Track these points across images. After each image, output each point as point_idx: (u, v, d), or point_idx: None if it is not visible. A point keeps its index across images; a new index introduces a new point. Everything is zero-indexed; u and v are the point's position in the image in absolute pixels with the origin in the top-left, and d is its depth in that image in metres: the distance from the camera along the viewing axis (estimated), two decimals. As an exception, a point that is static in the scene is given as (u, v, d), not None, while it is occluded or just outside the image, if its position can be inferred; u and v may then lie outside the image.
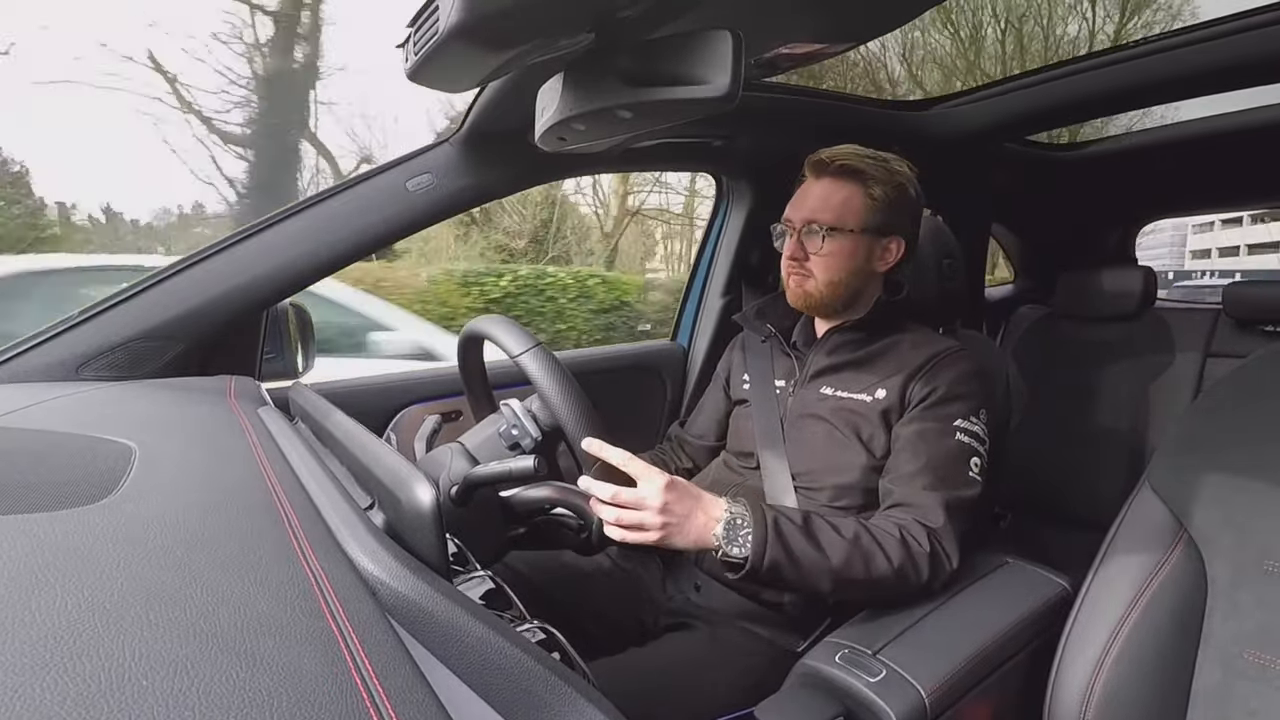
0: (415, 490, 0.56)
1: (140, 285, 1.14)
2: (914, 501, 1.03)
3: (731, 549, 0.92)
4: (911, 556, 0.97)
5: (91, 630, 0.35)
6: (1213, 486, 0.90)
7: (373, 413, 1.48)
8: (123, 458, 0.65)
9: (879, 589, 0.97)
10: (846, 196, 1.16)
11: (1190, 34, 1.30)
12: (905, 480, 1.05)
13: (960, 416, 1.08)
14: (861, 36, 1.05)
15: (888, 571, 0.95)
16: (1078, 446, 2.12)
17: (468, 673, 0.43)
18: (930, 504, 1.02)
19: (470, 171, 1.33)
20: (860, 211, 1.16)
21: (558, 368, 0.99)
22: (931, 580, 0.98)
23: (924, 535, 0.99)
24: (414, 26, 0.62)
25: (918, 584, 0.97)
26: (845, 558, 0.94)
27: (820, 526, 0.97)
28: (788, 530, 0.94)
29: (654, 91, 0.61)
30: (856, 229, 1.16)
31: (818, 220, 1.16)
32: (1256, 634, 0.83)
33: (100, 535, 0.47)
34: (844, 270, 1.17)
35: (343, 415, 0.87)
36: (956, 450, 1.06)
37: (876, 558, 0.95)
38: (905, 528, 0.99)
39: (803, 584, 0.95)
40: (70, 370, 1.07)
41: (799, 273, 1.19)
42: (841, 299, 1.20)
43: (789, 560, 0.92)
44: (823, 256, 1.17)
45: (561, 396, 0.98)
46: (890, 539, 0.97)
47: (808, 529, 0.95)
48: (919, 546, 0.98)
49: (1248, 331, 2.01)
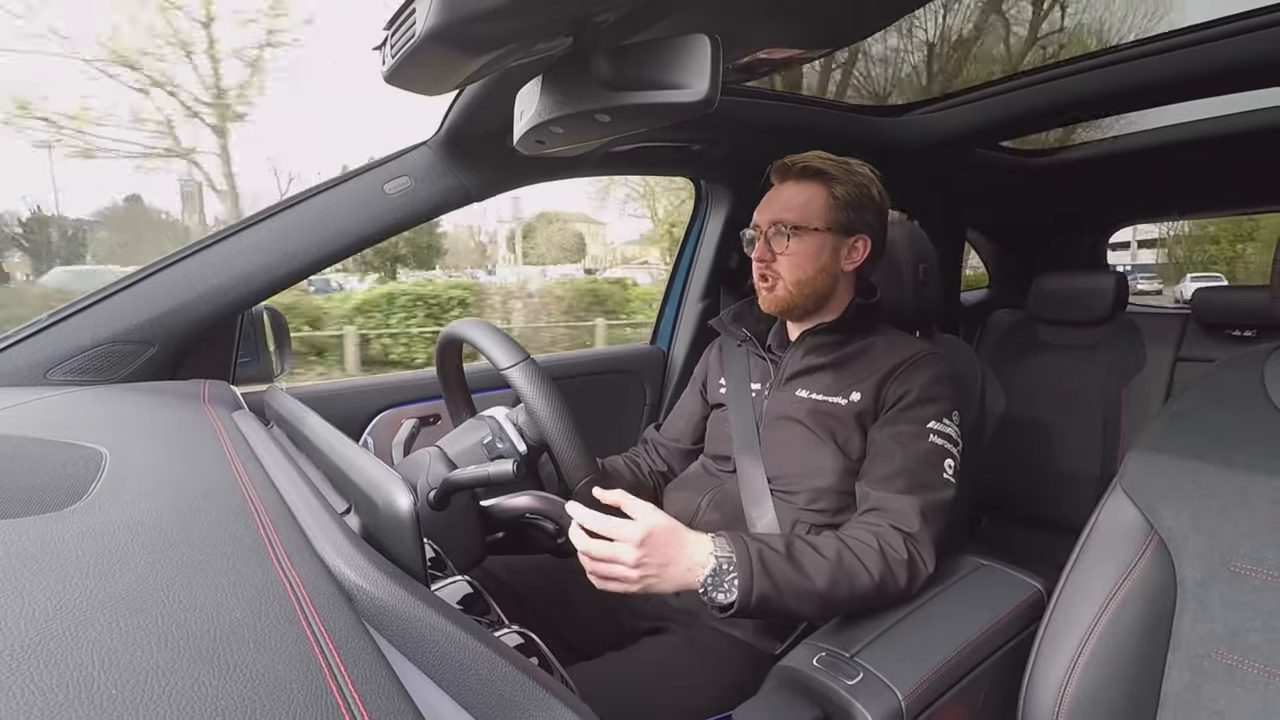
0: (392, 494, 0.55)
1: (112, 288, 1.13)
2: (890, 507, 1.03)
3: (716, 595, 0.91)
4: (889, 566, 0.97)
5: (59, 638, 0.35)
6: (1182, 489, 0.92)
7: (349, 417, 1.47)
8: (93, 463, 0.64)
9: (861, 602, 0.97)
10: (809, 196, 1.18)
11: (1163, 41, 1.32)
12: (880, 484, 1.06)
13: (934, 419, 1.09)
14: (839, 42, 1.06)
15: (869, 585, 0.95)
16: (1051, 449, 2.15)
17: (445, 678, 0.43)
18: (906, 509, 1.02)
19: (448, 175, 1.32)
20: (824, 210, 1.18)
21: (547, 383, 0.99)
22: (909, 586, 0.99)
23: (900, 541, 0.99)
24: (390, 29, 0.62)
25: (896, 591, 0.98)
26: (830, 579, 0.94)
27: (802, 550, 0.96)
28: (773, 564, 0.93)
29: (632, 96, 0.61)
30: (821, 227, 1.17)
31: (783, 220, 1.18)
32: (1225, 635, 0.84)
33: (69, 541, 0.46)
34: (810, 269, 1.19)
35: (318, 419, 0.86)
36: (930, 452, 1.07)
37: (858, 574, 0.95)
38: (882, 536, 1.00)
39: (790, 612, 0.95)
40: (39, 374, 1.05)
41: (768, 275, 1.21)
42: (810, 299, 1.21)
43: (775, 592, 0.91)
44: (788, 256, 1.18)
45: (550, 414, 0.97)
46: (869, 551, 0.98)
47: (791, 557, 0.95)
48: (895, 554, 0.98)
49: (1215, 336, 2.05)
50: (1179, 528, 0.90)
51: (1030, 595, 1.02)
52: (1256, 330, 2.00)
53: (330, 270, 9.43)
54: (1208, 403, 0.97)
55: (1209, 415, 0.96)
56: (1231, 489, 0.88)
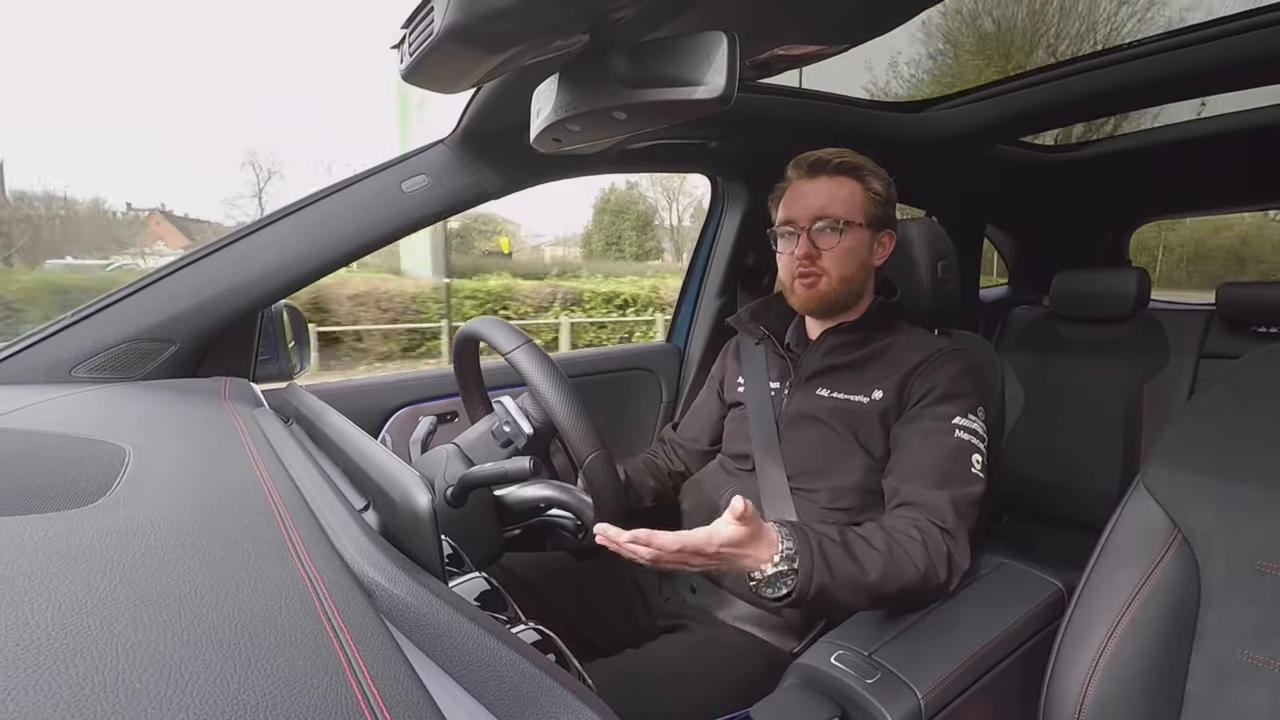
0: (411, 492, 0.56)
1: (134, 286, 1.14)
2: (924, 501, 1.02)
3: (767, 590, 0.90)
4: (932, 560, 0.96)
5: (84, 632, 0.35)
6: (1206, 487, 0.91)
7: (368, 414, 1.47)
8: (116, 460, 0.65)
9: (905, 596, 0.97)
10: (850, 191, 1.17)
11: (1181, 37, 1.31)
12: (910, 478, 1.05)
13: (959, 414, 1.08)
14: (856, 38, 1.05)
15: (915, 578, 0.95)
16: (1073, 447, 2.13)
17: (463, 675, 0.43)
18: (939, 503, 1.01)
19: (465, 172, 1.33)
20: (864, 205, 1.17)
21: (547, 363, 0.99)
22: (948, 581, 0.98)
23: (938, 536, 0.99)
24: (409, 27, 0.62)
25: (936, 586, 0.97)
26: (881, 572, 0.93)
27: (855, 541, 0.96)
28: (831, 552, 0.92)
29: (649, 93, 0.61)
30: (862, 222, 1.17)
31: (831, 215, 1.16)
32: (1250, 634, 0.83)
33: (93, 537, 0.47)
34: (853, 264, 1.18)
35: (338, 416, 0.87)
36: (958, 448, 1.06)
37: (905, 567, 0.95)
38: (923, 530, 0.99)
39: (842, 604, 0.93)
40: (64, 372, 1.06)
41: (811, 272, 1.18)
42: (850, 294, 1.20)
43: (833, 583, 0.91)
44: (836, 251, 1.16)
45: (552, 391, 0.98)
46: (914, 544, 0.97)
47: (848, 550, 0.94)
48: (937, 548, 0.98)
49: (1240, 332, 2.02)
50: (1203, 526, 0.89)
51: (1051, 594, 1.02)
52: None
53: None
54: (1232, 400, 0.96)
55: (1233, 412, 0.94)
56: (1257, 487, 0.87)
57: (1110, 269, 2.23)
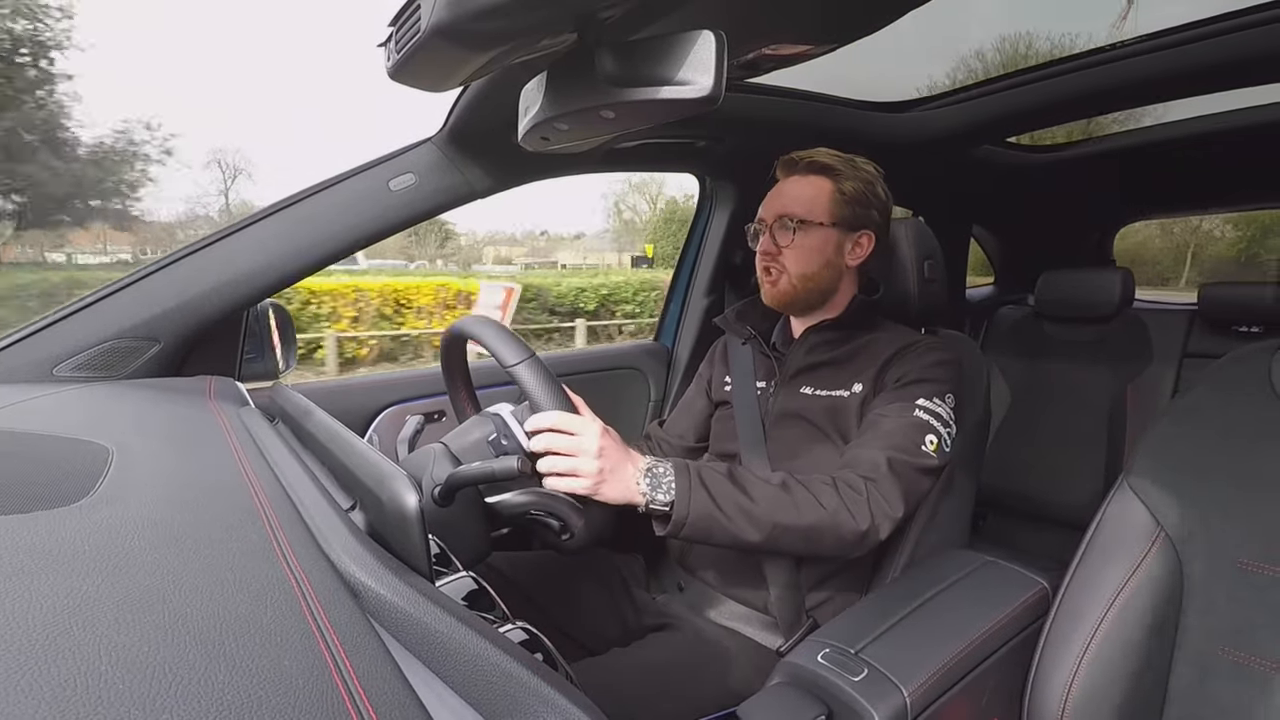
0: (398, 491, 0.56)
1: (118, 284, 1.13)
2: (855, 458, 1.04)
3: (657, 495, 0.92)
4: (844, 501, 0.97)
5: (67, 632, 0.35)
6: (1189, 486, 0.92)
7: (354, 413, 1.47)
8: (99, 459, 0.64)
9: (816, 537, 0.97)
10: (815, 191, 1.19)
11: (1170, 36, 1.32)
12: (854, 447, 1.07)
13: (923, 396, 1.09)
14: (845, 38, 1.05)
15: (822, 516, 0.96)
16: (1057, 446, 2.14)
17: (450, 674, 0.43)
18: (871, 459, 1.03)
19: (453, 171, 1.32)
20: (829, 205, 1.18)
21: (550, 379, 0.99)
22: (872, 528, 0.98)
23: (860, 482, 1.00)
24: (395, 25, 0.62)
25: (855, 530, 0.97)
26: (774, 502, 0.95)
27: (744, 475, 0.98)
28: (710, 478, 0.95)
29: (637, 92, 0.61)
30: (826, 222, 1.18)
31: (789, 214, 1.18)
32: (1231, 632, 0.84)
33: (76, 537, 0.46)
34: (814, 263, 1.19)
35: (324, 415, 0.86)
36: (913, 424, 1.06)
37: (807, 504, 0.96)
38: (839, 476, 1.00)
39: (734, 532, 0.94)
40: (45, 371, 1.05)
41: (772, 268, 1.21)
42: (814, 293, 1.21)
43: (715, 506, 0.93)
44: (793, 249, 1.19)
45: (555, 409, 0.97)
46: (822, 486, 0.98)
47: (732, 477, 0.97)
48: (853, 492, 0.98)
49: (1222, 332, 2.05)
50: (1185, 524, 0.90)
51: (1035, 592, 1.02)
52: (1263, 326, 2.00)
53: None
54: (1214, 399, 0.97)
55: (1216, 411, 0.95)
56: (1238, 486, 0.88)
57: (1095, 269, 2.25)
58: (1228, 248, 22.80)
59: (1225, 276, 18.47)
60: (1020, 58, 14.58)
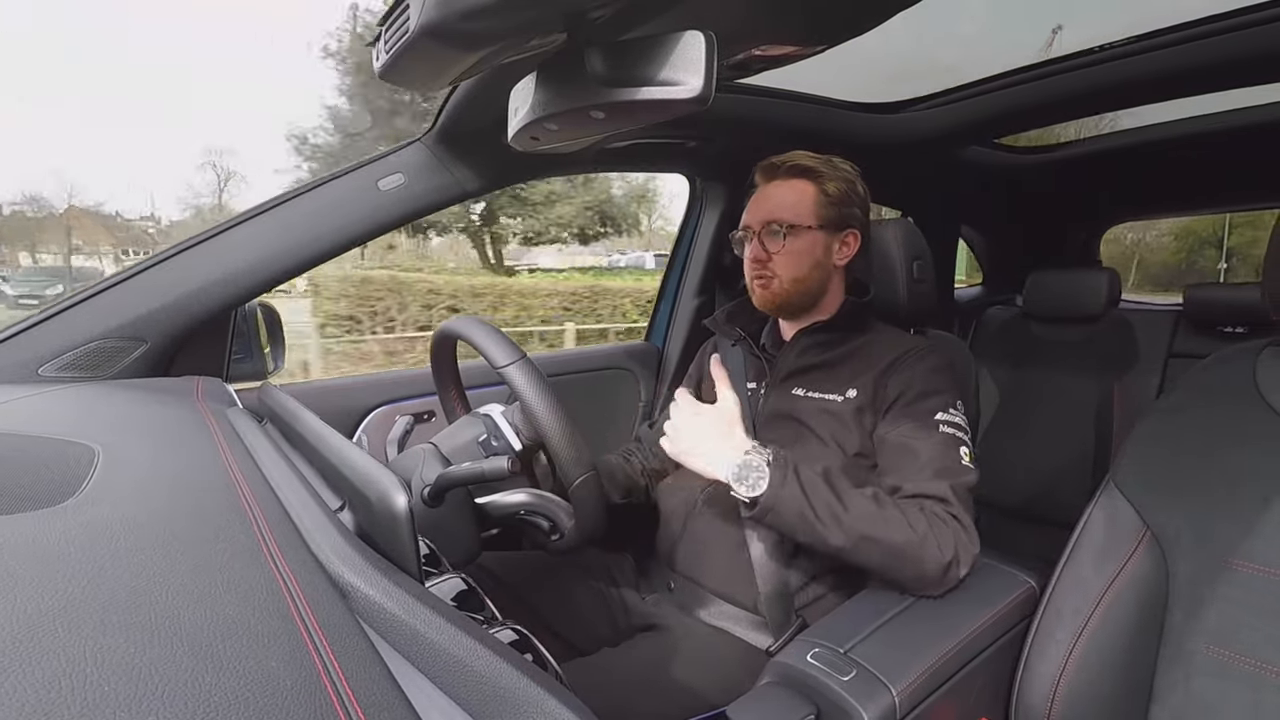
0: (387, 491, 0.55)
1: (105, 283, 1.12)
2: (925, 490, 1.01)
3: (740, 489, 0.95)
4: (933, 530, 0.96)
5: (51, 634, 0.35)
6: (1174, 485, 0.92)
7: (343, 413, 1.46)
8: (85, 460, 0.64)
9: (898, 558, 0.95)
10: (800, 195, 1.20)
11: (1157, 38, 1.32)
12: (910, 476, 1.04)
13: (939, 410, 1.09)
14: (835, 39, 1.06)
15: (910, 537, 0.94)
16: (1046, 446, 2.15)
17: (439, 675, 0.43)
18: (941, 490, 1.01)
19: (442, 171, 1.32)
20: (815, 207, 1.19)
21: (541, 380, 0.98)
22: (955, 563, 0.96)
23: (943, 512, 0.98)
24: (385, 25, 0.61)
25: (939, 561, 0.95)
26: (863, 513, 0.94)
27: (840, 480, 0.99)
28: (805, 474, 0.96)
29: (627, 92, 0.61)
30: (814, 224, 1.19)
31: (777, 220, 1.19)
32: (1215, 630, 0.84)
33: (61, 538, 0.46)
34: (805, 266, 1.20)
35: (312, 416, 0.86)
36: (945, 441, 1.06)
37: (897, 523, 0.95)
38: (926, 507, 0.99)
39: (819, 535, 0.94)
40: (30, 371, 1.04)
41: (764, 274, 1.21)
42: (806, 295, 1.22)
43: (803, 499, 0.94)
44: (784, 254, 1.19)
45: (546, 411, 0.97)
46: (913, 509, 0.97)
47: (828, 479, 0.97)
48: (941, 522, 0.97)
49: (1207, 333, 2.06)
50: (1171, 524, 0.90)
51: (1023, 591, 1.03)
52: (1248, 327, 2.01)
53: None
54: (1199, 399, 0.97)
55: (1201, 412, 0.96)
56: (1223, 485, 0.89)
57: (1082, 269, 2.26)
58: (1170, 255, 24.20)
59: (1167, 280, 20.05)
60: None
